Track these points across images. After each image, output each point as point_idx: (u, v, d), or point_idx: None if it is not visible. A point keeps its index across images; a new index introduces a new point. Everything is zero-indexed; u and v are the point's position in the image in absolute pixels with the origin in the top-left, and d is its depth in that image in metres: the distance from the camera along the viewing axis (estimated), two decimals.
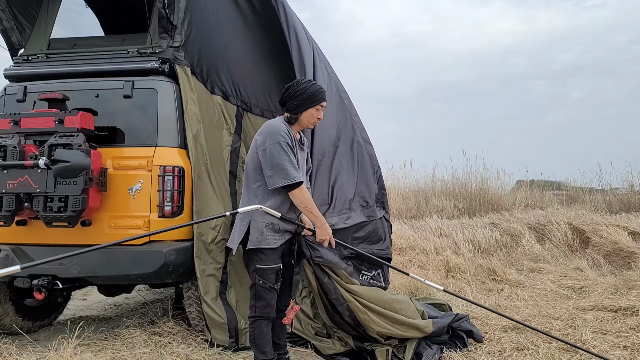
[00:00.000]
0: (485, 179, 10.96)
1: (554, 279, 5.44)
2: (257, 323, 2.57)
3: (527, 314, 3.98)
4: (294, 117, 2.64)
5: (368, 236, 3.46)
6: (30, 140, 3.00)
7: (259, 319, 2.57)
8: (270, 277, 2.55)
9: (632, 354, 3.10)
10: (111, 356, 2.98)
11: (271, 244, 2.54)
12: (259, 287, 2.54)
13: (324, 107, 2.70)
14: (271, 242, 2.54)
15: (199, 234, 3.22)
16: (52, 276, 3.05)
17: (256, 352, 2.59)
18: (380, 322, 3.14)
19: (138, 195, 3.17)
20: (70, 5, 4.03)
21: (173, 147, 3.27)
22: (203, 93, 3.51)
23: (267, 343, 2.59)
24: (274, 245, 2.55)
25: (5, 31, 3.62)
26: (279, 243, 2.57)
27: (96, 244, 3.12)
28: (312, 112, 2.63)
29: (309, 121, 2.67)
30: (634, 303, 4.08)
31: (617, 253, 6.23)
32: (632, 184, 10.13)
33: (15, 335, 3.51)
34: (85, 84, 3.42)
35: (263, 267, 2.53)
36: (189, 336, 3.39)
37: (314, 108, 2.62)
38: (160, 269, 3.04)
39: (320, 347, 3.25)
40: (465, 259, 6.28)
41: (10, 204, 2.83)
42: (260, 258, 2.54)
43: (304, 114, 2.63)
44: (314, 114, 2.64)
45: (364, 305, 3.15)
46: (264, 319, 2.58)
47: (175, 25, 3.43)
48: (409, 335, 3.20)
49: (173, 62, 3.40)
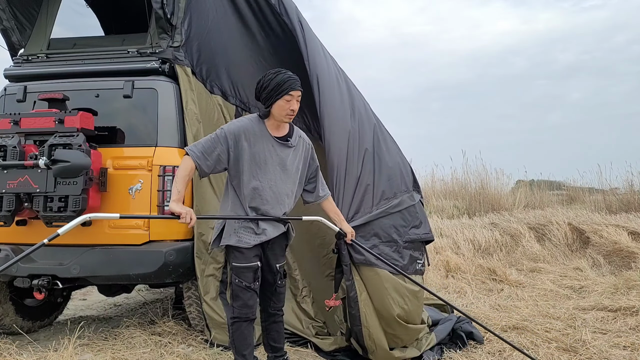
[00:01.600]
0: (485, 179, 10.97)
1: (554, 279, 5.44)
2: (236, 325, 2.47)
3: (527, 314, 3.98)
4: (266, 111, 2.48)
5: (413, 220, 3.28)
6: (30, 140, 3.00)
7: (237, 320, 2.46)
8: (247, 276, 2.44)
9: (632, 354, 3.10)
10: (111, 356, 2.98)
11: (243, 243, 2.43)
12: (236, 286, 2.45)
13: (297, 97, 2.46)
14: (244, 241, 2.43)
15: (199, 233, 3.22)
16: (52, 276, 3.05)
17: (235, 354, 2.50)
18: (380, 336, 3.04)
19: (138, 195, 3.17)
20: (70, 5, 4.03)
21: (173, 147, 3.27)
22: (203, 93, 3.52)
23: (247, 346, 2.48)
24: (248, 244, 2.44)
25: (6, 31, 3.62)
26: (253, 242, 2.45)
27: (96, 244, 3.15)
28: (281, 103, 2.42)
29: (281, 114, 2.45)
30: (633, 303, 4.08)
31: (617, 253, 6.23)
32: (632, 184, 10.14)
33: (15, 335, 3.51)
34: (85, 84, 3.43)
35: (238, 265, 2.44)
36: (189, 336, 3.39)
37: (282, 99, 2.41)
38: (160, 269, 3.05)
39: (321, 344, 3.25)
40: (465, 259, 6.29)
41: (10, 204, 2.83)
42: (236, 256, 2.45)
43: (274, 107, 2.44)
44: (283, 105, 2.43)
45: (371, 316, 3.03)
46: (243, 320, 2.47)
47: (174, 25, 3.43)
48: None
49: (173, 62, 3.41)
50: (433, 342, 3.21)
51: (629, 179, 10.24)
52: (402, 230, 3.19)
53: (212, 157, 2.41)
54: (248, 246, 2.45)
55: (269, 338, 2.71)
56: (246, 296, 2.46)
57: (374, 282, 3.01)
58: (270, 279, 2.62)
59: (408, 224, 3.23)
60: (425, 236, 3.34)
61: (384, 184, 3.21)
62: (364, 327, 2.99)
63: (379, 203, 3.15)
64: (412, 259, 3.21)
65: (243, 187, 2.47)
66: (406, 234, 3.20)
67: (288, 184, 2.57)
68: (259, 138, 2.48)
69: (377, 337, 3.01)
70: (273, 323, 2.70)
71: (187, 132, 3.31)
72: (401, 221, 3.20)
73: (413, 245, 3.24)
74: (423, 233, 3.32)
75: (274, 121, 2.51)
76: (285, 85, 2.41)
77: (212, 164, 2.43)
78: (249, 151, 2.45)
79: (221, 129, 2.45)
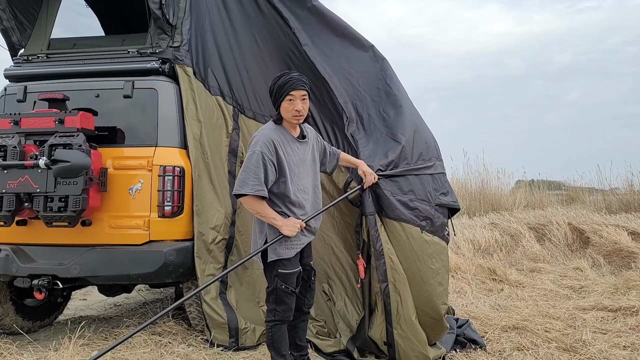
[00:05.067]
0: (485, 179, 10.98)
1: (554, 279, 5.44)
2: (276, 327, 2.54)
3: (527, 314, 3.98)
4: (277, 114, 2.55)
5: (442, 187, 3.30)
6: (30, 140, 3.00)
7: (278, 323, 2.54)
8: (292, 282, 2.53)
9: (632, 354, 3.10)
10: (111, 356, 2.98)
11: (289, 254, 2.52)
12: (281, 291, 2.51)
13: (300, 96, 2.48)
14: (288, 253, 2.52)
15: (199, 233, 3.22)
16: (52, 276, 3.05)
17: (275, 355, 2.56)
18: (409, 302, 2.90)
19: (138, 195, 3.17)
20: (70, 5, 4.03)
21: (173, 147, 3.27)
22: (203, 93, 3.51)
23: (286, 346, 2.57)
24: (292, 254, 2.53)
25: (6, 31, 3.62)
26: (295, 251, 2.55)
27: (96, 244, 3.15)
28: (285, 105, 2.47)
29: (287, 116, 2.50)
30: (633, 303, 4.08)
31: (617, 253, 6.24)
32: (631, 184, 10.16)
33: (16, 335, 3.51)
34: (85, 84, 3.43)
35: (286, 272, 2.51)
36: (189, 336, 3.39)
37: (285, 101, 2.46)
38: (161, 269, 3.05)
39: (321, 345, 3.25)
40: (465, 258, 6.28)
41: (10, 204, 2.84)
42: (283, 264, 2.52)
43: (281, 110, 2.51)
44: (287, 107, 2.47)
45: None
46: (284, 323, 2.56)
47: (174, 25, 3.43)
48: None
49: (173, 62, 3.41)
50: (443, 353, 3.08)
51: (628, 179, 10.27)
52: (434, 193, 3.20)
53: (268, 180, 2.45)
54: (296, 253, 2.54)
55: (296, 337, 2.75)
56: (291, 300, 2.54)
57: (401, 237, 2.97)
58: (305, 276, 2.70)
59: (438, 189, 3.25)
60: (454, 204, 3.34)
61: (421, 146, 3.27)
62: (390, 283, 2.88)
63: (417, 162, 3.19)
64: (442, 224, 3.20)
65: (287, 192, 2.52)
66: (437, 198, 3.20)
67: (316, 178, 2.71)
68: (286, 143, 2.54)
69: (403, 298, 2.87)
70: (302, 322, 2.75)
71: (187, 132, 3.31)
72: (434, 184, 3.23)
73: (442, 210, 3.22)
74: (451, 201, 3.33)
75: (289, 124, 2.58)
76: (286, 87, 2.45)
77: (269, 184, 2.47)
78: (285, 159, 2.51)
79: (253, 152, 2.42)
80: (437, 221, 3.13)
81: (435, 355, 2.99)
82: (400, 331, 2.90)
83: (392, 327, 2.91)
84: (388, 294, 2.90)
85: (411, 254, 2.97)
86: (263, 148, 2.42)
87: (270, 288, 2.55)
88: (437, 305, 3.00)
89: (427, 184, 3.19)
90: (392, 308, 2.90)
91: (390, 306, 2.90)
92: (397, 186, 3.05)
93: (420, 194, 3.11)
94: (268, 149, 2.43)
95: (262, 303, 3.51)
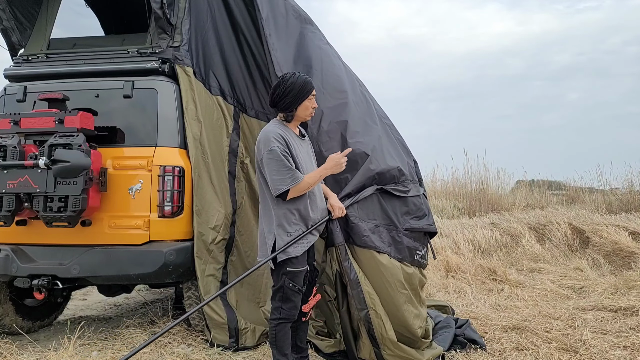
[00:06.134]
0: (485, 179, 10.97)
1: (554, 279, 5.43)
2: (281, 325, 2.55)
3: (527, 314, 3.98)
4: (290, 114, 2.59)
5: (417, 210, 3.26)
6: (30, 140, 3.00)
7: (283, 321, 2.54)
8: (300, 280, 2.55)
9: (632, 354, 3.10)
10: (111, 356, 2.98)
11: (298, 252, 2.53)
12: (288, 289, 2.53)
13: (315, 95, 2.65)
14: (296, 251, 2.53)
15: (199, 233, 3.22)
16: (52, 276, 3.05)
17: (277, 354, 2.57)
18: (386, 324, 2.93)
19: (138, 195, 3.17)
20: (70, 5, 4.03)
21: (173, 147, 3.27)
22: (203, 93, 3.52)
23: (288, 345, 2.57)
24: (301, 252, 2.54)
25: (6, 31, 3.63)
26: (304, 249, 2.56)
27: (96, 244, 3.15)
28: (307, 104, 2.59)
29: (305, 114, 2.62)
30: (634, 303, 4.08)
31: (617, 253, 6.23)
32: (631, 184, 10.14)
33: (16, 335, 3.51)
34: (85, 84, 3.43)
35: (294, 270, 2.53)
36: (189, 336, 3.39)
37: (307, 100, 2.58)
38: (160, 269, 3.05)
39: (321, 346, 3.25)
40: (465, 259, 6.28)
41: (10, 204, 2.84)
42: (292, 262, 2.53)
43: (299, 109, 2.58)
44: (308, 105, 2.60)
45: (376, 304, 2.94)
46: (289, 321, 2.57)
47: (174, 25, 3.43)
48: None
49: (173, 62, 3.41)
50: (440, 352, 3.09)
51: (628, 179, 10.25)
52: (403, 217, 3.16)
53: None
54: (304, 250, 2.56)
55: (297, 338, 2.76)
56: (297, 299, 2.57)
57: (371, 265, 2.95)
58: (309, 277, 2.72)
59: (411, 213, 3.21)
60: (428, 227, 3.28)
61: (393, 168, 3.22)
62: (370, 309, 2.90)
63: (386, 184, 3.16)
64: (411, 249, 3.15)
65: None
66: (407, 222, 3.16)
67: None
68: (293, 141, 2.59)
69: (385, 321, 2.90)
70: (303, 323, 2.76)
71: (187, 132, 3.31)
72: (404, 207, 3.19)
73: (413, 234, 3.18)
74: (426, 224, 3.28)
75: (296, 122, 2.67)
76: (308, 87, 2.56)
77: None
78: (295, 153, 2.56)
79: (270, 150, 2.45)
80: (404, 247, 3.09)
81: (432, 355, 2.99)
82: (388, 351, 2.91)
83: (380, 349, 2.92)
84: (369, 320, 2.89)
85: (381, 281, 2.95)
86: (277, 144, 2.46)
87: (277, 286, 2.56)
88: (413, 328, 2.98)
89: (398, 205, 3.15)
90: (376, 333, 2.90)
91: (374, 331, 2.90)
92: (364, 212, 3.00)
93: (385, 218, 3.08)
94: (281, 143, 2.47)
95: (262, 303, 3.52)
